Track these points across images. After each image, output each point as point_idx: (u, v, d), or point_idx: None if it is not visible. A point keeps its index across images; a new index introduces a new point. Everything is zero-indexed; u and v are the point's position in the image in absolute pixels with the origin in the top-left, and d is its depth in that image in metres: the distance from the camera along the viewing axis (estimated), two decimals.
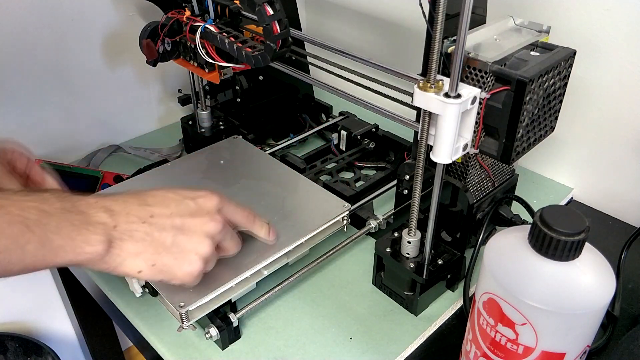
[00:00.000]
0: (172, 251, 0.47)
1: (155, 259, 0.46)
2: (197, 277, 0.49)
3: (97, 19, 0.83)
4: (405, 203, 0.65)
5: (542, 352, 0.41)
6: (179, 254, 0.47)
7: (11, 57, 0.77)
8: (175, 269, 0.47)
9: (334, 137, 0.86)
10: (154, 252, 0.46)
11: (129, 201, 0.47)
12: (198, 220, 0.48)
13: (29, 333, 1.00)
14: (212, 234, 0.49)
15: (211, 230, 0.49)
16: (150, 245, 0.46)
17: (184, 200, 0.49)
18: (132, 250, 0.45)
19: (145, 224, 0.46)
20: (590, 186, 0.79)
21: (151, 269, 0.46)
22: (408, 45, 0.92)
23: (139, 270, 0.46)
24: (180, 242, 0.47)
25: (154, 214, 0.47)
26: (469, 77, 0.49)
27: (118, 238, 0.44)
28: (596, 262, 0.40)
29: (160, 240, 0.46)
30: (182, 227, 0.47)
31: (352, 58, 0.53)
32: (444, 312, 0.61)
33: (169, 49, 0.71)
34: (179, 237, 0.47)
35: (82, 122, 0.89)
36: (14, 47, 0.76)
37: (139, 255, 0.45)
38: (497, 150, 0.51)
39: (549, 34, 0.54)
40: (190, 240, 0.47)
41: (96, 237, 0.43)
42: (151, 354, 0.60)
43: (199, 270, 0.48)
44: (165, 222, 0.47)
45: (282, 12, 0.54)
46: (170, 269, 0.47)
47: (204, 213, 0.49)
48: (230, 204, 0.52)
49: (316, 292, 0.63)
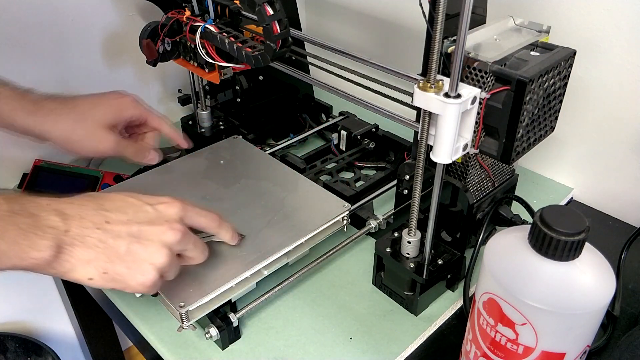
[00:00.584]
0: (126, 260, 0.45)
1: (108, 267, 0.44)
2: (150, 287, 0.47)
3: (97, 19, 0.83)
4: (405, 203, 0.65)
5: (542, 352, 0.41)
6: (132, 263, 0.45)
7: (11, 57, 0.77)
8: (127, 279, 0.45)
9: (334, 137, 0.86)
10: (107, 260, 0.44)
11: (85, 205, 0.45)
12: (156, 228, 0.46)
13: (29, 333, 1.00)
14: (170, 243, 0.47)
15: (168, 240, 0.47)
16: (103, 252, 0.44)
17: (143, 206, 0.47)
18: (83, 257, 0.43)
19: (100, 230, 0.44)
20: (590, 186, 0.79)
21: (103, 277, 0.44)
22: (408, 45, 0.92)
23: (90, 278, 0.44)
24: (134, 251, 0.45)
25: (110, 219, 0.45)
26: (469, 77, 0.49)
27: (69, 244, 0.42)
28: (596, 262, 0.40)
29: (114, 248, 0.44)
30: (138, 235, 0.45)
31: (352, 58, 0.53)
32: (444, 312, 0.61)
33: (169, 49, 0.71)
34: (134, 246, 0.45)
35: None
36: (14, 47, 0.76)
37: (91, 262, 0.44)
38: (497, 150, 0.51)
39: (549, 34, 0.54)
40: (146, 249, 0.45)
41: (44, 242, 0.41)
42: (151, 354, 0.60)
43: (152, 281, 0.46)
44: (121, 229, 0.45)
45: (282, 12, 0.54)
46: (123, 278, 0.45)
47: (162, 221, 0.47)
48: (193, 209, 0.50)
49: (316, 292, 0.63)
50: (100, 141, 0.62)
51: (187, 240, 0.49)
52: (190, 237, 0.49)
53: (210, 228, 0.53)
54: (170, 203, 0.49)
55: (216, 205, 0.64)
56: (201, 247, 0.51)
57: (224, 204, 0.65)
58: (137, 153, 0.65)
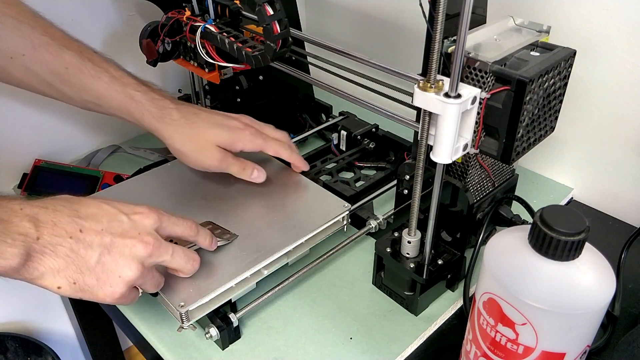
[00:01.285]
0: (96, 271, 0.44)
1: (77, 277, 0.44)
2: (119, 299, 0.46)
3: (97, 19, 0.83)
4: (405, 203, 0.65)
5: (542, 352, 0.41)
6: (102, 274, 0.45)
7: None
8: (96, 290, 0.45)
9: (334, 137, 0.86)
10: (77, 270, 0.43)
11: (59, 210, 0.44)
12: (128, 241, 0.46)
13: (29, 333, 1.00)
14: (140, 257, 0.46)
15: (139, 254, 0.46)
16: (74, 262, 0.43)
17: (118, 215, 0.47)
18: (53, 266, 0.42)
19: (72, 240, 0.43)
20: (590, 186, 0.79)
21: (72, 287, 0.44)
22: (408, 45, 0.92)
23: (59, 287, 0.43)
24: (105, 262, 0.45)
25: (84, 228, 0.44)
26: (469, 77, 0.49)
27: (39, 251, 0.42)
28: (596, 262, 0.40)
29: (84, 259, 0.44)
30: (110, 246, 0.45)
31: (352, 58, 0.53)
32: (444, 312, 0.61)
33: (169, 49, 0.71)
34: (105, 257, 0.44)
35: (82, 122, 0.89)
36: None
37: (60, 272, 0.43)
38: (497, 150, 0.51)
39: (549, 34, 0.54)
40: (116, 262, 0.45)
41: (11, 250, 0.40)
42: (151, 354, 0.60)
43: (120, 294, 0.46)
44: (94, 239, 0.44)
45: (282, 12, 0.54)
46: (92, 289, 0.45)
47: (135, 233, 0.46)
48: (169, 219, 0.50)
49: (316, 292, 0.63)
50: (206, 157, 0.62)
51: (161, 252, 0.48)
52: (167, 248, 0.48)
53: (188, 236, 0.52)
54: (146, 214, 0.48)
55: (216, 205, 0.65)
56: (184, 258, 0.50)
57: (224, 204, 0.65)
58: (241, 171, 0.65)
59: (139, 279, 0.47)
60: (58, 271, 0.43)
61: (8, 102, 0.79)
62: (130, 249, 0.46)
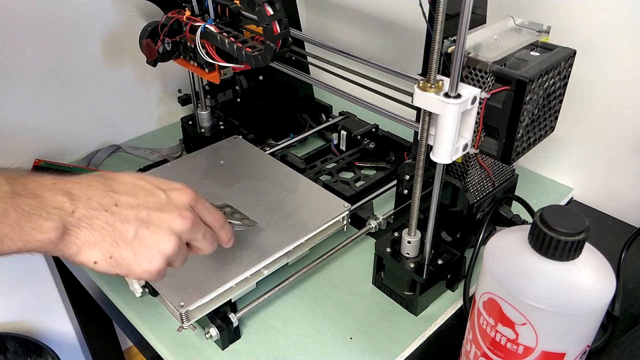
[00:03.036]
0: (133, 245, 0.43)
1: (113, 250, 0.42)
2: (155, 275, 0.45)
3: (97, 19, 0.83)
4: (405, 203, 0.65)
5: (542, 352, 0.41)
6: (139, 249, 0.43)
7: (11, 57, 0.77)
8: (133, 265, 0.43)
9: (334, 137, 0.86)
10: (112, 243, 0.42)
11: (93, 185, 0.43)
12: (166, 215, 0.44)
13: (29, 333, 1.00)
14: (179, 231, 0.45)
15: (178, 228, 0.45)
16: (110, 235, 0.42)
17: (154, 191, 0.45)
18: (89, 239, 0.41)
19: (107, 213, 0.42)
20: (590, 186, 0.79)
21: (108, 261, 0.43)
22: (408, 45, 0.92)
23: (95, 261, 0.42)
24: (142, 237, 0.43)
25: (119, 202, 0.43)
26: (469, 77, 0.49)
27: (75, 225, 0.41)
28: (596, 262, 0.40)
29: (121, 232, 0.42)
30: (147, 220, 0.44)
31: (352, 58, 0.53)
32: (444, 312, 0.61)
33: (169, 49, 0.71)
34: (142, 231, 0.43)
35: (82, 122, 0.89)
36: (14, 47, 0.76)
37: (96, 245, 0.42)
38: (497, 150, 0.51)
39: (549, 34, 0.54)
40: (154, 235, 0.44)
41: (48, 224, 0.39)
42: (151, 354, 0.60)
43: (157, 269, 0.44)
44: (130, 213, 0.43)
45: (282, 12, 0.54)
46: (128, 263, 0.43)
47: (173, 208, 0.45)
48: (204, 203, 0.49)
49: (316, 292, 0.63)
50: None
51: (197, 229, 0.47)
52: (201, 227, 0.48)
53: (213, 227, 0.52)
54: (183, 190, 0.47)
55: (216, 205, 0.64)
56: (210, 239, 0.50)
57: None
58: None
59: (176, 253, 0.45)
60: (94, 244, 0.42)
61: (8, 102, 0.79)
62: (169, 223, 0.44)
